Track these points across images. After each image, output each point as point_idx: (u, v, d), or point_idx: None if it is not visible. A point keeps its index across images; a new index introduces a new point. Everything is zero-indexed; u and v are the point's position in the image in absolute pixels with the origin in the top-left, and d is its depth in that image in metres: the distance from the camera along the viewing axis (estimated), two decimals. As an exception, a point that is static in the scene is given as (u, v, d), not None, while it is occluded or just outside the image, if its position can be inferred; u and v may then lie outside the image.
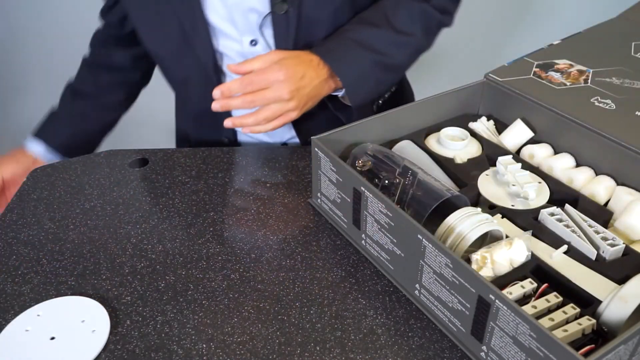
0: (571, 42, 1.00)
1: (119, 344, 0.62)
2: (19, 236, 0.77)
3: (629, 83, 0.87)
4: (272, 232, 0.77)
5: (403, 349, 0.62)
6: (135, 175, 0.88)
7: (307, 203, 0.82)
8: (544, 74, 0.89)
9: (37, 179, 0.88)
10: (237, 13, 0.89)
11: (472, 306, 0.57)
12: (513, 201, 0.72)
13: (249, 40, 0.92)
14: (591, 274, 0.62)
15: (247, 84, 0.81)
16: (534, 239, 0.67)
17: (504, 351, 0.55)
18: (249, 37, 0.91)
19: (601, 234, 0.65)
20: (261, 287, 0.69)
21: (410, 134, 0.84)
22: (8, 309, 0.66)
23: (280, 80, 0.81)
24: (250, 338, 0.63)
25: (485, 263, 0.62)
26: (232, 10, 0.88)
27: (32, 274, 0.71)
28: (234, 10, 0.88)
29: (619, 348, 0.50)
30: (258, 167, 0.90)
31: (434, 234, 0.63)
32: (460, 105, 0.89)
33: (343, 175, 0.71)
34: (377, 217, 0.67)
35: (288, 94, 0.82)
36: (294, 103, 0.83)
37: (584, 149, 0.78)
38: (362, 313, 0.66)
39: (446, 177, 0.78)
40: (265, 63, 0.83)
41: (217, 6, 0.88)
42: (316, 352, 0.61)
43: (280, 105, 0.83)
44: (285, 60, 0.83)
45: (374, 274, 0.71)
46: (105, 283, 0.70)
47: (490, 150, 0.81)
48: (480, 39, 1.97)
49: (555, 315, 0.56)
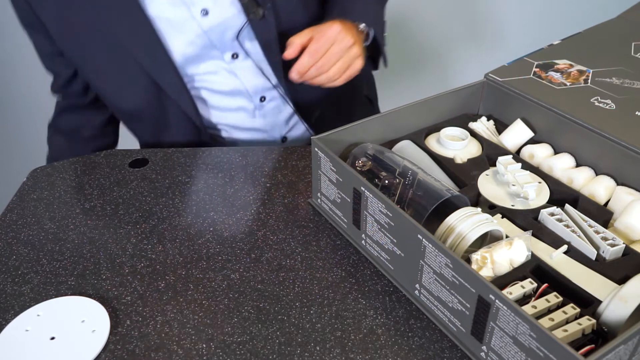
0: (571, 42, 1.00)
1: (119, 344, 0.62)
2: (19, 236, 0.77)
3: (629, 83, 0.87)
4: (272, 232, 0.77)
5: (403, 349, 0.62)
6: (135, 175, 0.88)
7: (307, 203, 0.82)
8: (544, 74, 0.89)
9: (37, 179, 0.88)
10: (214, 35, 0.91)
11: (472, 306, 0.57)
12: (513, 201, 0.72)
13: (230, 55, 0.94)
14: (591, 274, 0.62)
15: (314, 52, 0.84)
16: (534, 239, 0.67)
17: (504, 351, 0.55)
18: (229, 52, 0.94)
19: (601, 234, 0.65)
20: (261, 287, 0.69)
21: (410, 134, 0.84)
22: (8, 309, 0.66)
23: (339, 30, 0.84)
24: (250, 338, 0.63)
25: (485, 263, 0.62)
26: (210, 35, 0.90)
27: (32, 274, 0.71)
28: (211, 34, 0.90)
29: (619, 348, 0.50)
30: (258, 167, 0.90)
31: (434, 234, 0.63)
32: (460, 105, 0.89)
33: (343, 175, 0.71)
34: (377, 217, 0.67)
35: (351, 38, 0.85)
36: (358, 48, 0.87)
37: (584, 149, 0.78)
38: (362, 313, 0.66)
39: (446, 177, 0.78)
40: (311, 31, 0.86)
41: (191, 38, 0.90)
42: (316, 352, 0.61)
43: (348, 54, 0.85)
44: (326, 24, 0.86)
45: (374, 274, 0.71)
46: (105, 283, 0.70)
47: (490, 150, 0.81)
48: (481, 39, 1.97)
49: (555, 315, 0.56)
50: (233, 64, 0.95)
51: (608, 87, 0.85)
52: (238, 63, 0.95)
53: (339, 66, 0.86)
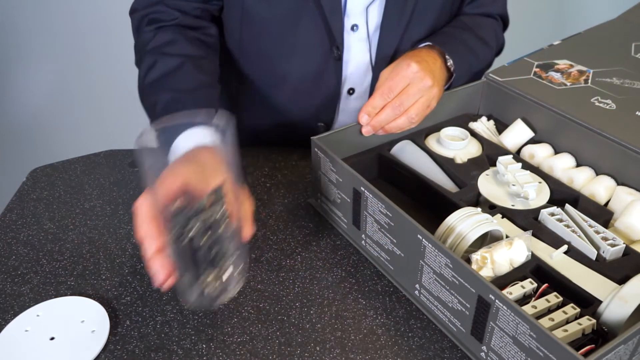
0: (571, 42, 1.00)
1: (118, 344, 0.62)
2: (19, 236, 0.77)
3: (629, 83, 0.87)
4: (272, 232, 0.77)
5: (403, 349, 0.62)
6: (135, 175, 0.88)
7: (307, 203, 0.82)
8: (544, 74, 0.89)
9: (37, 179, 0.88)
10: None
11: (472, 306, 0.57)
12: (513, 201, 0.72)
13: (351, 25, 0.87)
14: (591, 274, 0.62)
15: (387, 92, 0.77)
16: (534, 239, 0.67)
17: (504, 351, 0.55)
18: (350, 22, 0.87)
19: (601, 234, 0.65)
20: (261, 287, 0.69)
21: (410, 134, 0.84)
22: (8, 309, 0.66)
23: (415, 70, 0.77)
24: (250, 338, 0.63)
25: (485, 263, 0.62)
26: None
27: (32, 274, 0.71)
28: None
29: (619, 348, 0.50)
30: (258, 167, 0.90)
31: (433, 234, 0.63)
32: (460, 105, 0.89)
33: (343, 176, 0.71)
34: (377, 218, 0.67)
35: (431, 79, 0.78)
36: (437, 89, 0.80)
37: (584, 149, 0.78)
38: (362, 313, 0.66)
39: (446, 177, 0.78)
40: (387, 71, 0.79)
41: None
42: (316, 352, 0.61)
43: (425, 94, 0.78)
44: (403, 61, 0.79)
45: (374, 274, 0.71)
46: (105, 283, 0.70)
47: (490, 150, 0.81)
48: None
49: (555, 315, 0.56)
50: (346, 37, 0.88)
51: (608, 87, 0.85)
52: (353, 37, 0.88)
53: (417, 108, 0.77)
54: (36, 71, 1.97)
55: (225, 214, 0.52)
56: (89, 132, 2.01)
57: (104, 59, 1.98)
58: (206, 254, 0.52)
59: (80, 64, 1.97)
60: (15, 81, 1.92)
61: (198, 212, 0.51)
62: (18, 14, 1.86)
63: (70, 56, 1.97)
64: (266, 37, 0.88)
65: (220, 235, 0.52)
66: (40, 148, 2.00)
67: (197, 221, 0.51)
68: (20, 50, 1.94)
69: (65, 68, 1.97)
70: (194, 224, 0.51)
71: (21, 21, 1.86)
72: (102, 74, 2.00)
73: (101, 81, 2.01)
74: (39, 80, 1.99)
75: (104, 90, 2.03)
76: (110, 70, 2.00)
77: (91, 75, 2.00)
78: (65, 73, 2.01)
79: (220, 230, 0.52)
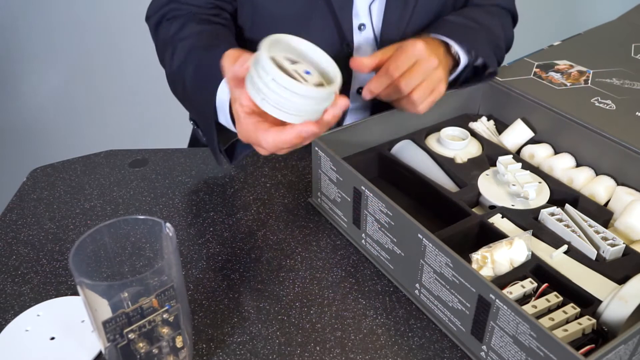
0: (571, 43, 1.00)
1: (118, 344, 0.62)
2: (19, 236, 0.77)
3: (629, 84, 0.87)
4: (272, 232, 0.77)
5: (403, 349, 0.62)
6: (135, 175, 0.88)
7: (307, 203, 0.82)
8: (544, 75, 0.89)
9: (37, 179, 0.88)
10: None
11: (472, 306, 0.57)
12: (513, 201, 0.72)
13: (358, 24, 0.87)
14: (591, 274, 0.62)
15: (393, 70, 0.74)
16: (534, 238, 0.67)
17: (504, 351, 0.55)
18: (358, 21, 0.86)
19: (601, 234, 0.65)
20: (261, 287, 0.69)
21: (410, 134, 0.84)
22: (8, 309, 0.66)
23: (421, 49, 0.75)
24: (250, 338, 0.63)
25: (485, 262, 0.62)
26: None
27: (32, 274, 0.71)
28: None
29: (619, 348, 0.50)
30: (258, 167, 0.90)
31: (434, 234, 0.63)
32: (460, 105, 0.89)
33: (343, 175, 0.71)
34: (377, 217, 0.67)
35: (436, 60, 0.75)
36: (442, 71, 0.77)
37: (584, 149, 0.78)
38: (362, 313, 0.66)
39: (446, 176, 0.78)
40: (391, 49, 0.77)
41: None
42: (316, 352, 0.61)
43: (431, 77, 0.76)
44: (408, 41, 0.77)
45: (374, 274, 0.71)
46: (105, 283, 0.70)
47: (490, 150, 0.81)
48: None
49: (555, 315, 0.56)
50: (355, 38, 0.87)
51: (608, 88, 0.85)
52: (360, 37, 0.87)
53: (423, 89, 0.75)
54: (37, 71, 1.98)
55: None
56: (89, 132, 2.02)
57: (104, 59, 1.99)
58: None
59: (80, 64, 1.98)
60: (15, 81, 1.92)
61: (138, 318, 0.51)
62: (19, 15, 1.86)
63: (71, 57, 1.97)
64: None
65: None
66: (40, 148, 2.00)
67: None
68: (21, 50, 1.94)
69: (65, 68, 1.97)
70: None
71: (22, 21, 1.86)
72: (102, 74, 2.01)
73: (101, 82, 2.02)
74: (39, 81, 2.00)
75: (104, 90, 2.03)
76: (111, 70, 2.00)
77: (92, 76, 2.00)
78: (66, 73, 2.01)
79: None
